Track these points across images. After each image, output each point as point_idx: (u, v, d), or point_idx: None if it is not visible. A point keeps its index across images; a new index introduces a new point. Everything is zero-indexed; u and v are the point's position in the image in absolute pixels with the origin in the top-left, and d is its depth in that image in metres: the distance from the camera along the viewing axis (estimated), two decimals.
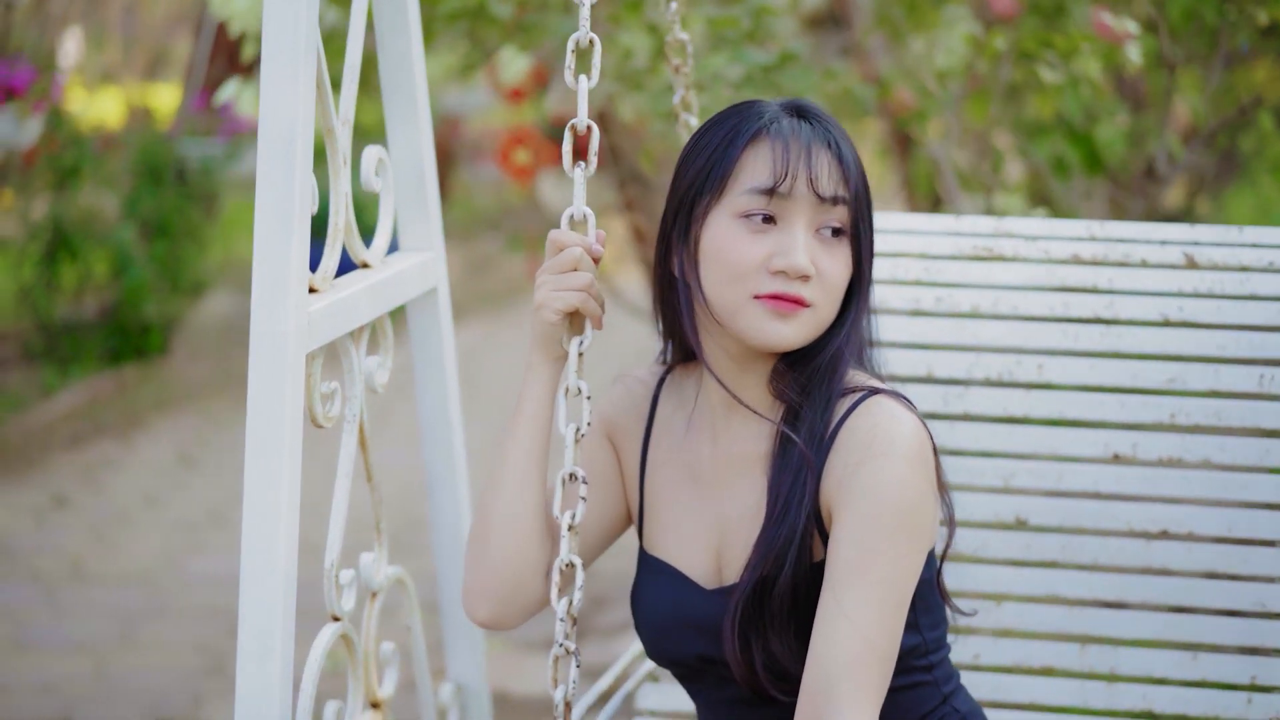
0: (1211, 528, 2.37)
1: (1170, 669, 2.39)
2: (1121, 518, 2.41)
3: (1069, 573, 2.42)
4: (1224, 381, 2.38)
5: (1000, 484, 2.44)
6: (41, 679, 4.48)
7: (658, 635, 2.03)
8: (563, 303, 1.95)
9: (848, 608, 1.80)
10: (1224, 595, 2.37)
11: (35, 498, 6.19)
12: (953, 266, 2.51)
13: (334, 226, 2.15)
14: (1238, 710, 2.34)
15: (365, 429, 2.29)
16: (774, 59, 3.65)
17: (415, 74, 2.40)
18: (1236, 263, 2.40)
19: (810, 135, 1.90)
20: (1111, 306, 2.44)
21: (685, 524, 2.02)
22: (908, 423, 1.88)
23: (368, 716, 2.34)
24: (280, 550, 1.94)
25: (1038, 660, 2.43)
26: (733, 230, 1.90)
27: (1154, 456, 2.40)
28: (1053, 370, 2.45)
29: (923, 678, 1.98)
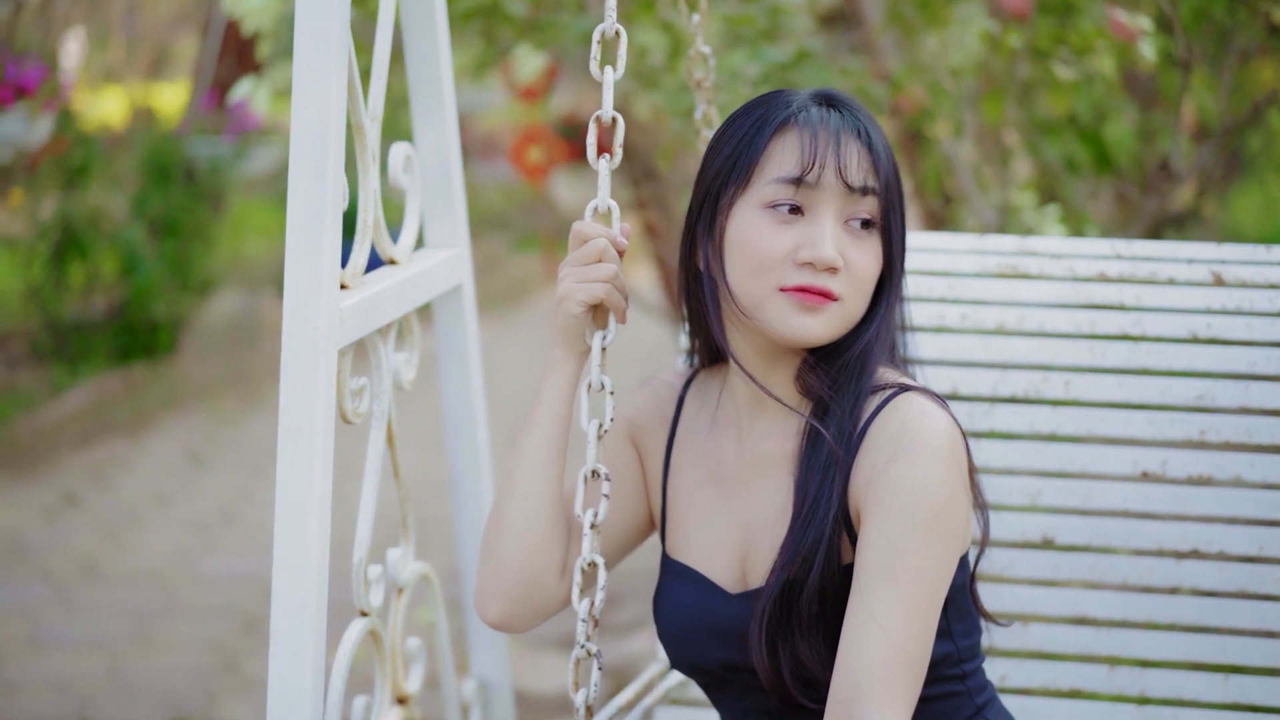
0: (1243, 547, 2.34)
1: (1201, 691, 2.37)
2: (1151, 537, 2.38)
3: (1097, 593, 2.40)
4: (1254, 398, 2.35)
5: (1027, 502, 2.42)
6: (56, 677, 4.48)
7: (681, 642, 1.98)
8: (587, 294, 1.92)
9: (876, 611, 1.75)
10: (1256, 616, 2.34)
11: (46, 496, 6.19)
12: (977, 284, 2.49)
13: (363, 223, 2.16)
14: None
15: (393, 426, 2.29)
16: (790, 57, 3.65)
17: (442, 72, 2.40)
18: (1265, 280, 2.38)
19: (840, 124, 1.85)
20: (1139, 324, 2.42)
21: (709, 527, 1.97)
22: (939, 419, 1.83)
23: (394, 712, 2.35)
24: (312, 547, 1.94)
25: (1065, 682, 2.40)
26: (759, 221, 1.85)
27: (1184, 474, 2.37)
28: (1080, 387, 2.42)
29: (955, 687, 1.93)
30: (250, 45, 4.67)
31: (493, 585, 2.00)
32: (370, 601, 2.20)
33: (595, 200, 1.98)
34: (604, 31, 1.97)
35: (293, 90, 1.97)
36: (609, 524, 2.04)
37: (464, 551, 2.63)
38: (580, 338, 1.97)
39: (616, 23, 1.97)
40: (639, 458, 2.07)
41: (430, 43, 2.39)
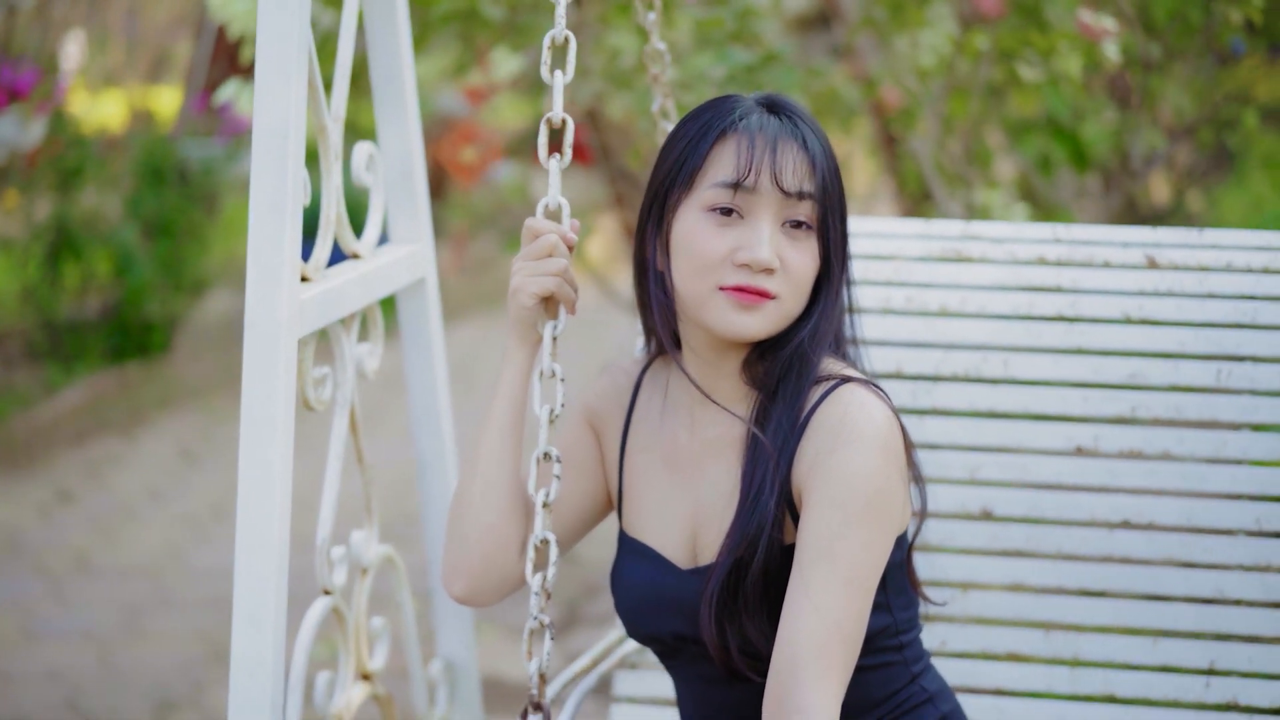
0: (1171, 517, 2.45)
1: (1132, 654, 2.47)
2: (1084, 508, 2.48)
3: (1034, 562, 2.50)
4: (1183, 377, 2.46)
5: (967, 476, 2.52)
6: (47, 668, 4.57)
7: (635, 614, 2.08)
8: (538, 287, 2.02)
9: (814, 591, 1.85)
10: (1183, 583, 2.44)
11: (40, 492, 6.28)
12: (922, 268, 2.59)
13: (325, 219, 2.26)
14: (1196, 694, 2.43)
15: (356, 413, 2.39)
16: (758, 59, 3.75)
17: (404, 74, 2.50)
18: (1196, 263, 2.48)
19: (778, 130, 1.95)
20: (1075, 305, 2.52)
21: (662, 507, 2.07)
22: (877, 411, 1.93)
23: (359, 688, 2.44)
24: (274, 526, 2.04)
25: (1003, 646, 2.50)
26: (700, 223, 1.95)
27: (1115, 449, 2.48)
28: (1018, 367, 2.53)
29: (893, 657, 2.03)
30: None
31: (457, 563, 2.11)
32: (333, 581, 2.30)
33: (546, 198, 2.08)
34: (554, 38, 2.08)
35: (255, 91, 2.06)
36: (569, 503, 2.14)
37: (430, 536, 2.72)
38: (533, 328, 2.07)
39: (566, 29, 2.08)
40: (597, 441, 2.17)
41: (393, 46, 2.48)
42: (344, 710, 2.36)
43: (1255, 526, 2.42)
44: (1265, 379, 2.43)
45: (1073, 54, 4.08)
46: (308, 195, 2.14)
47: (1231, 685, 2.42)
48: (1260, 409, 2.43)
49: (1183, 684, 2.44)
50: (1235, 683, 2.42)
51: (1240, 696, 2.42)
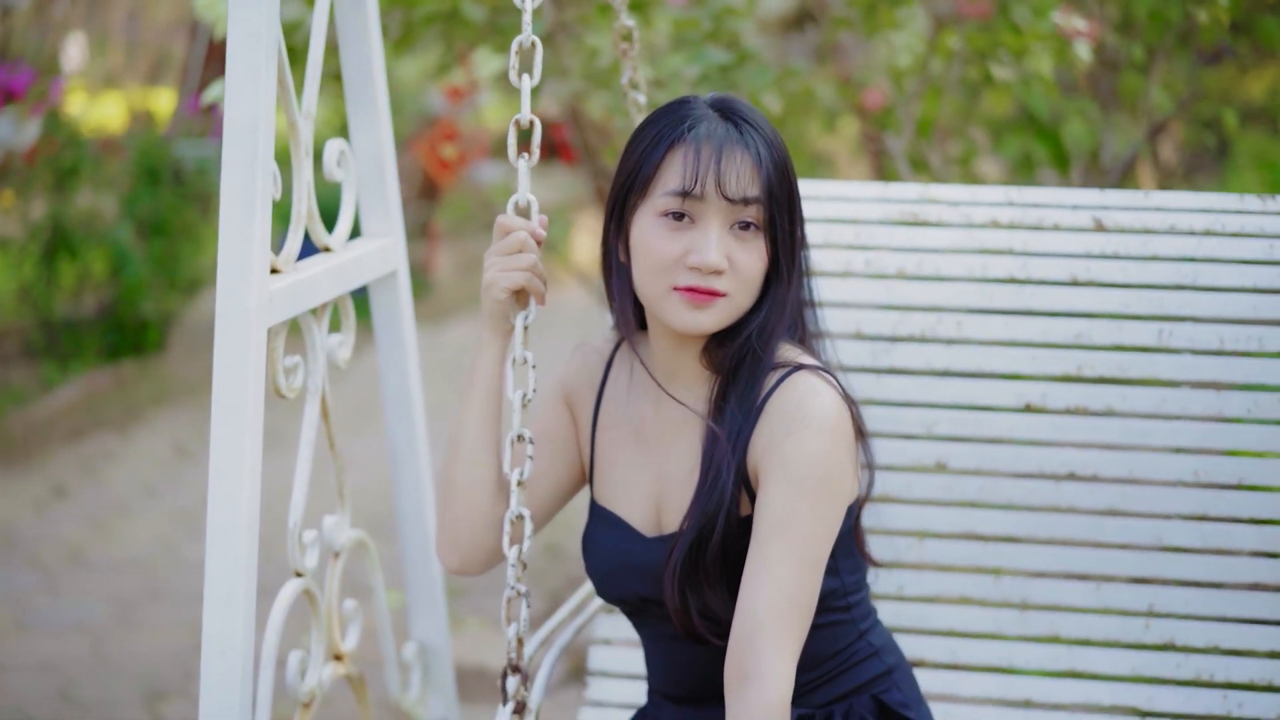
0: (1114, 470, 2.58)
1: (1076, 598, 2.60)
2: (1033, 462, 2.61)
3: (985, 512, 2.63)
4: (1126, 336, 2.59)
5: (923, 431, 2.65)
6: (40, 658, 4.65)
7: (604, 576, 2.23)
8: (510, 281, 2.16)
9: (771, 565, 2.00)
10: (1125, 531, 2.58)
11: (36, 488, 6.36)
12: (881, 231, 2.70)
13: (296, 213, 2.33)
14: (1136, 635, 2.57)
15: (328, 401, 2.47)
16: (733, 59, 3.82)
17: (375, 72, 2.57)
18: (1141, 226, 2.60)
19: (724, 138, 2.07)
20: (1025, 268, 2.63)
21: (630, 478, 2.21)
22: (827, 397, 2.07)
23: (330, 667, 2.52)
24: (244, 508, 2.13)
25: (956, 591, 2.65)
26: (655, 228, 2.08)
27: (1062, 406, 2.60)
28: (971, 327, 2.65)
29: (841, 617, 2.18)
30: None
31: (448, 538, 2.26)
32: (305, 563, 2.38)
33: (516, 195, 2.20)
34: (521, 42, 2.21)
35: (225, 90, 2.14)
36: (546, 479, 2.28)
37: (403, 521, 2.80)
38: (506, 319, 2.20)
39: (534, 35, 2.23)
40: (572, 417, 2.30)
41: (364, 46, 2.56)
42: (315, 689, 2.43)
43: (1193, 478, 2.55)
44: (1204, 338, 2.55)
45: (1045, 54, 4.15)
46: (279, 190, 2.21)
47: (1169, 627, 2.56)
48: (1199, 367, 2.56)
49: (1124, 626, 2.58)
50: (1173, 624, 2.56)
51: (1177, 637, 2.56)
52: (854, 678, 2.21)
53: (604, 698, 2.73)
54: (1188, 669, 2.55)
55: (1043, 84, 4.22)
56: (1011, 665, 2.61)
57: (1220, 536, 2.54)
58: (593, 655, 2.75)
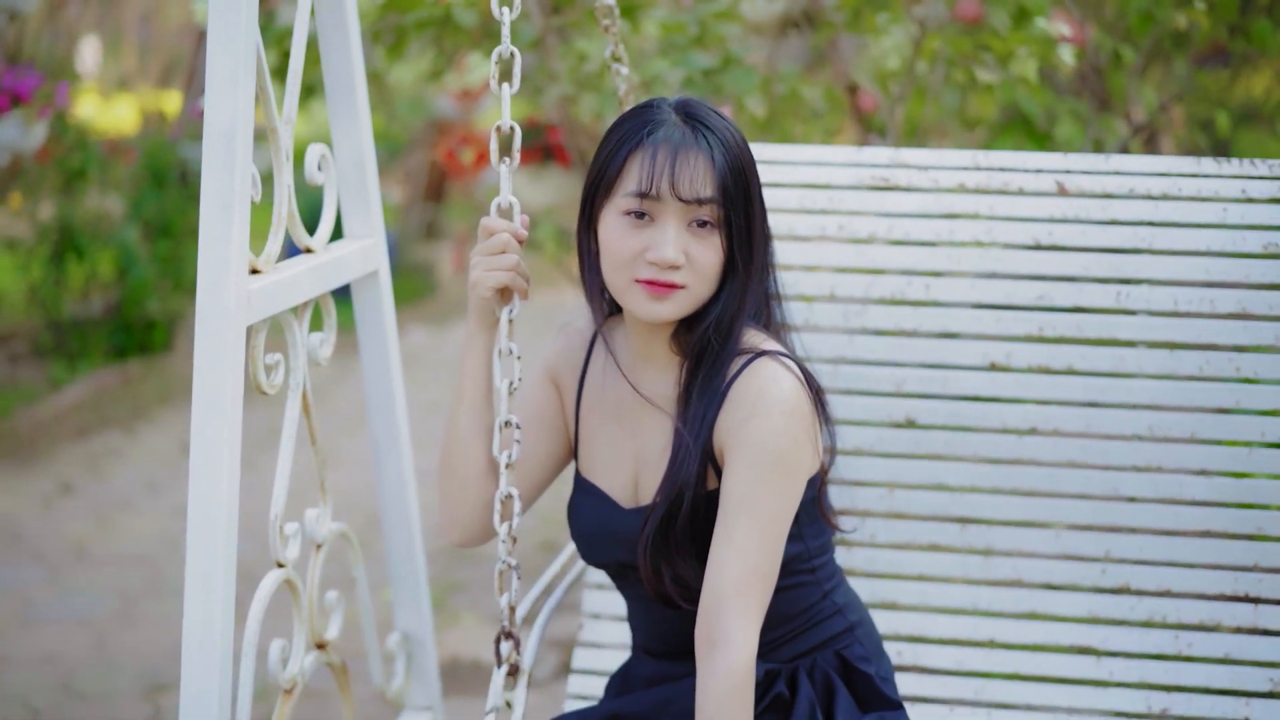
0: (1074, 425, 2.72)
1: (1037, 545, 2.75)
2: (997, 417, 2.76)
3: (952, 464, 2.78)
4: (1086, 299, 2.72)
5: (893, 389, 2.79)
6: (44, 651, 4.73)
7: (586, 543, 2.39)
8: (494, 280, 2.32)
9: (736, 539, 2.16)
10: (1083, 482, 2.73)
11: (43, 485, 6.44)
12: (853, 196, 2.82)
13: (277, 216, 2.41)
14: (1094, 579, 2.73)
15: (309, 397, 2.55)
16: (718, 62, 3.89)
17: (355, 79, 2.65)
18: (1100, 190, 2.72)
19: (681, 142, 2.19)
20: (990, 232, 2.76)
21: (609, 453, 2.36)
22: (787, 383, 2.21)
23: (312, 655, 2.60)
24: (222, 499, 2.19)
25: (925, 539, 2.80)
26: (618, 225, 2.21)
27: (1025, 364, 2.75)
28: (939, 290, 2.78)
29: (806, 579, 2.34)
30: None
31: (450, 516, 2.42)
32: (286, 555, 2.46)
33: (498, 198, 2.34)
34: (500, 53, 2.34)
35: (205, 96, 2.22)
36: (536, 456, 2.43)
37: (386, 513, 2.88)
38: (491, 313, 2.36)
39: (512, 45, 2.35)
40: (559, 395, 2.45)
41: (345, 53, 2.64)
42: (297, 676, 2.51)
43: (1147, 433, 2.69)
44: (1159, 300, 2.69)
45: (1029, 57, 4.21)
46: (258, 193, 2.29)
47: (1124, 571, 2.72)
48: (1154, 328, 2.69)
49: (1081, 570, 2.73)
50: (1127, 569, 2.72)
51: (1131, 581, 2.72)
52: (818, 634, 2.36)
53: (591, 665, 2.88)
54: (1141, 611, 2.71)
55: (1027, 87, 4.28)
56: (977, 608, 2.77)
57: (1172, 487, 2.68)
58: (587, 600, 2.91)
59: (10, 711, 4.31)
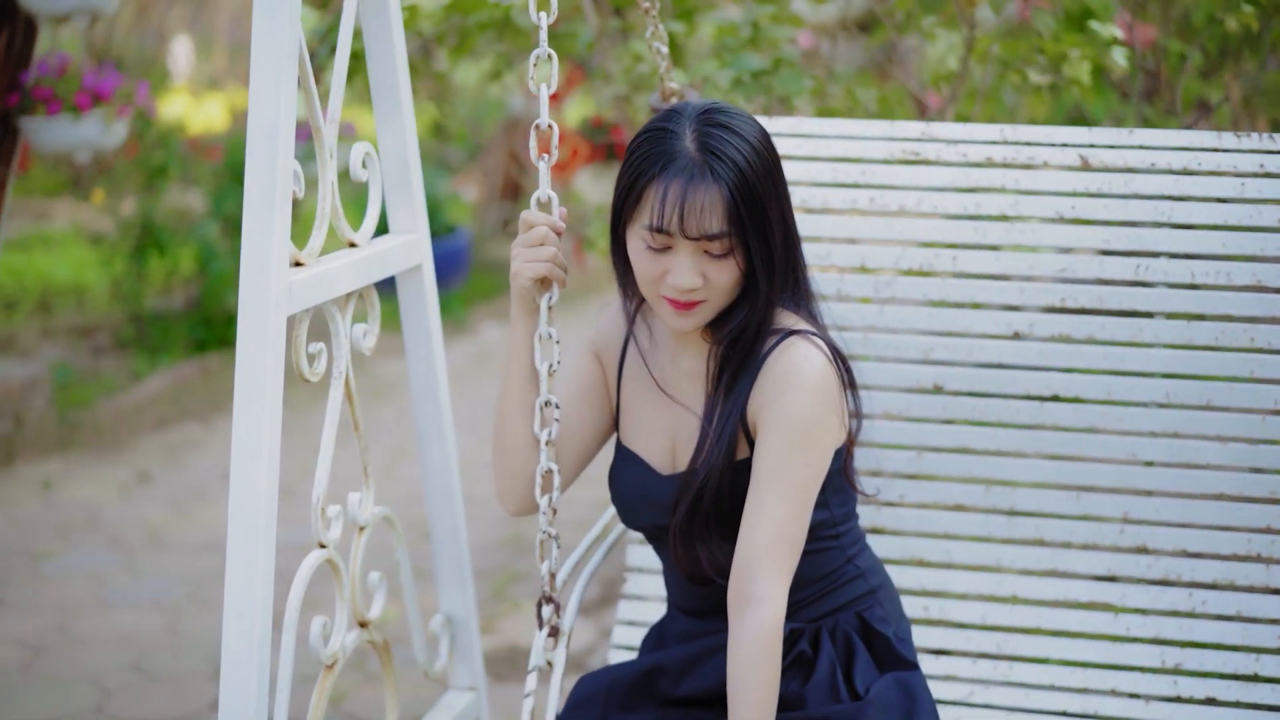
0: (1094, 392, 2.83)
1: (1058, 506, 2.87)
2: (1021, 384, 2.86)
3: (977, 429, 2.89)
4: (1107, 271, 2.81)
5: (921, 356, 2.91)
6: (118, 633, 4.89)
7: (625, 507, 2.52)
8: (533, 271, 2.44)
9: (767, 506, 2.29)
10: (1103, 447, 2.84)
11: (122, 474, 6.61)
12: (885, 170, 2.91)
13: (321, 211, 2.52)
14: (1112, 538, 2.85)
15: (352, 385, 2.65)
16: (769, 64, 3.97)
17: (399, 79, 2.76)
18: (1123, 164, 2.80)
19: (691, 179, 2.25)
20: (1016, 205, 2.85)
21: (648, 423, 2.49)
22: (816, 360, 2.33)
23: (354, 633, 2.71)
24: (262, 479, 2.31)
25: (950, 499, 2.93)
26: (639, 249, 2.32)
27: (1047, 334, 2.85)
28: (966, 262, 2.89)
29: (830, 544, 2.47)
30: None
31: (505, 489, 2.55)
32: (328, 536, 2.56)
33: (537, 192, 2.45)
34: (537, 55, 2.44)
35: (249, 96, 2.33)
36: (585, 422, 2.55)
37: (430, 499, 2.98)
38: (532, 301, 2.48)
39: (549, 48, 2.44)
40: (602, 369, 2.57)
41: (389, 53, 2.74)
42: (338, 652, 2.62)
43: (1164, 399, 2.80)
44: (1178, 273, 2.77)
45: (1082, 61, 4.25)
46: (301, 189, 2.40)
47: (1141, 532, 2.83)
48: (1173, 299, 2.78)
49: (1101, 530, 2.85)
50: (1145, 530, 2.83)
51: (1149, 542, 2.83)
52: (841, 596, 2.49)
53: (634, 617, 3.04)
54: (1157, 570, 2.82)
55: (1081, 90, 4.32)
56: (999, 565, 2.90)
57: (1189, 452, 2.79)
58: (630, 554, 3.05)
59: (83, 691, 4.46)
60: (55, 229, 10.03)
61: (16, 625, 4.98)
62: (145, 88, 6.64)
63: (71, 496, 6.33)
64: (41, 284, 8.48)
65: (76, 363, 7.63)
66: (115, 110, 6.26)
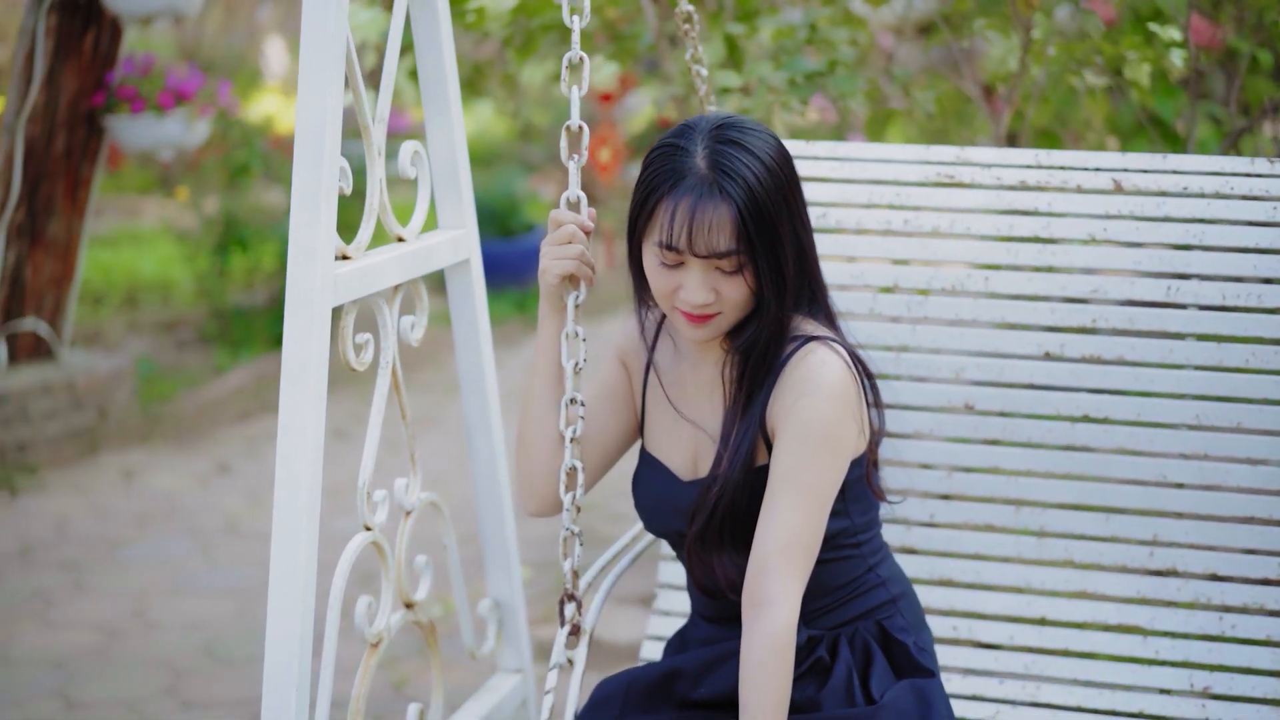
0: (1123, 413, 2.82)
1: (1087, 527, 2.86)
2: (1051, 404, 2.86)
3: (1007, 449, 2.89)
4: (1138, 292, 2.82)
5: (952, 376, 2.92)
6: (191, 618, 5.02)
7: (648, 513, 2.54)
8: (560, 269, 2.46)
9: (781, 510, 2.30)
10: (1132, 468, 2.83)
11: (202, 465, 6.77)
12: (919, 192, 2.94)
13: (369, 207, 2.61)
14: (1141, 561, 2.84)
15: (399, 375, 2.75)
16: (824, 66, 4.03)
17: (448, 80, 2.84)
18: (1156, 188, 2.80)
19: (700, 198, 2.27)
20: (1048, 227, 2.86)
21: (671, 429, 2.51)
22: (834, 366, 2.35)
23: (399, 614, 2.80)
24: (306, 462, 2.39)
25: (981, 519, 2.93)
26: (653, 263, 2.35)
27: (1078, 355, 2.84)
28: (997, 282, 2.89)
29: (851, 552, 2.48)
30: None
31: (525, 487, 2.57)
32: (373, 519, 2.66)
33: (567, 192, 2.49)
34: (570, 58, 2.48)
35: (298, 96, 2.42)
36: (609, 426, 2.57)
37: (478, 487, 3.07)
38: (560, 299, 2.50)
39: (581, 51, 2.48)
40: (628, 375, 2.60)
41: (437, 57, 2.83)
42: (383, 631, 2.72)
43: (1195, 421, 2.78)
44: (1209, 295, 2.77)
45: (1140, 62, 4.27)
46: (349, 185, 2.49)
47: (1171, 555, 2.82)
48: (1203, 321, 2.78)
49: (1130, 553, 2.84)
50: (1174, 552, 2.82)
51: (1178, 564, 2.82)
52: (861, 605, 2.49)
53: (670, 607, 3.07)
54: (1187, 593, 2.80)
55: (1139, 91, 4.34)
56: (1029, 586, 2.89)
57: (1218, 474, 2.77)
58: (661, 570, 3.09)
59: (156, 673, 4.60)
60: (145, 226, 10.26)
61: (94, 610, 5.13)
62: (227, 87, 6.80)
63: (152, 486, 6.49)
64: (128, 279, 8.68)
65: (161, 356, 7.81)
66: (197, 109, 6.43)
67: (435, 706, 2.94)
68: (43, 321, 6.69)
